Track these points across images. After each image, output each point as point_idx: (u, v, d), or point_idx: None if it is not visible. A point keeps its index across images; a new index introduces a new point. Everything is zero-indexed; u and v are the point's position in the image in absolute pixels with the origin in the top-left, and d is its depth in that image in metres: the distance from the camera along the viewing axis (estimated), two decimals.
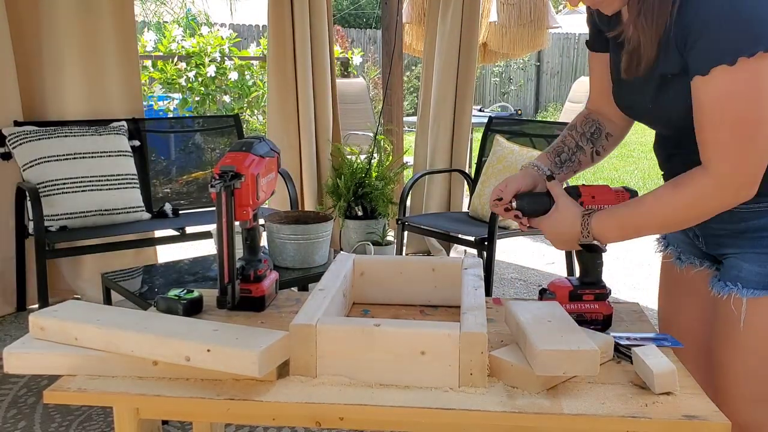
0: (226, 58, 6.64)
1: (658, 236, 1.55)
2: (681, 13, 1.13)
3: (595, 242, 1.30)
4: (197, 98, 6.58)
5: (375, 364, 1.15)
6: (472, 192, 3.91)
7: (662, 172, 1.42)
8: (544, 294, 1.41)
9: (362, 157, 4.42)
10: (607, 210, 1.30)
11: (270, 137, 4.27)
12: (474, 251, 3.83)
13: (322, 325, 1.16)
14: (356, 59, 7.52)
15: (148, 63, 6.43)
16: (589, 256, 1.36)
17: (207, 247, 4.07)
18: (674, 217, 1.23)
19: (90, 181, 3.35)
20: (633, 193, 1.35)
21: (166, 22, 10.15)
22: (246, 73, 6.77)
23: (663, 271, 1.55)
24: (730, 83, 1.08)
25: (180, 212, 3.70)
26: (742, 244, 1.29)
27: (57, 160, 3.30)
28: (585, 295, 1.37)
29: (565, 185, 1.40)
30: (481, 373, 1.13)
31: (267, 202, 3.06)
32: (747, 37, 1.05)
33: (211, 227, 3.13)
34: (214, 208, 1.36)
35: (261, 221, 1.99)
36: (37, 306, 3.36)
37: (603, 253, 1.36)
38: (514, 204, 1.35)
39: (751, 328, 1.26)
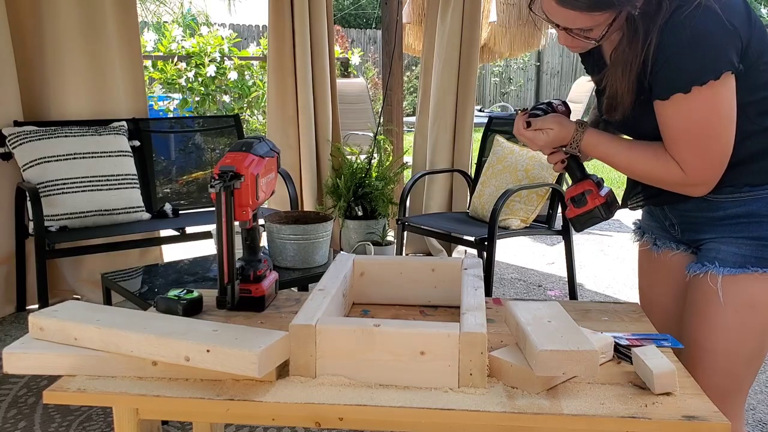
0: (225, 58, 6.64)
1: (634, 227, 1.69)
2: (648, 49, 1.29)
3: (577, 152, 1.46)
4: (197, 98, 6.58)
5: (375, 364, 1.15)
6: (471, 192, 3.91)
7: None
8: (578, 200, 1.49)
9: (362, 157, 4.42)
10: (599, 133, 1.43)
11: (270, 137, 4.27)
12: (474, 251, 3.83)
13: (321, 326, 1.16)
14: (356, 59, 7.52)
15: (148, 63, 6.43)
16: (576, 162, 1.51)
17: (207, 247, 4.07)
18: (641, 174, 1.40)
19: (90, 181, 3.35)
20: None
21: (166, 22, 10.16)
22: (246, 73, 6.77)
23: (640, 257, 1.65)
24: (686, 108, 1.27)
25: (180, 212, 3.70)
26: (719, 230, 1.39)
27: (57, 160, 3.30)
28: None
29: None
30: (480, 374, 1.13)
31: (267, 202, 3.06)
32: (700, 68, 1.23)
33: (211, 227, 3.13)
34: (214, 208, 1.36)
35: (261, 221, 1.99)
36: (37, 306, 3.36)
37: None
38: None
39: (727, 305, 1.36)
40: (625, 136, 1.49)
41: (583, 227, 1.50)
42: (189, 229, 3.54)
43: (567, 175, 1.54)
